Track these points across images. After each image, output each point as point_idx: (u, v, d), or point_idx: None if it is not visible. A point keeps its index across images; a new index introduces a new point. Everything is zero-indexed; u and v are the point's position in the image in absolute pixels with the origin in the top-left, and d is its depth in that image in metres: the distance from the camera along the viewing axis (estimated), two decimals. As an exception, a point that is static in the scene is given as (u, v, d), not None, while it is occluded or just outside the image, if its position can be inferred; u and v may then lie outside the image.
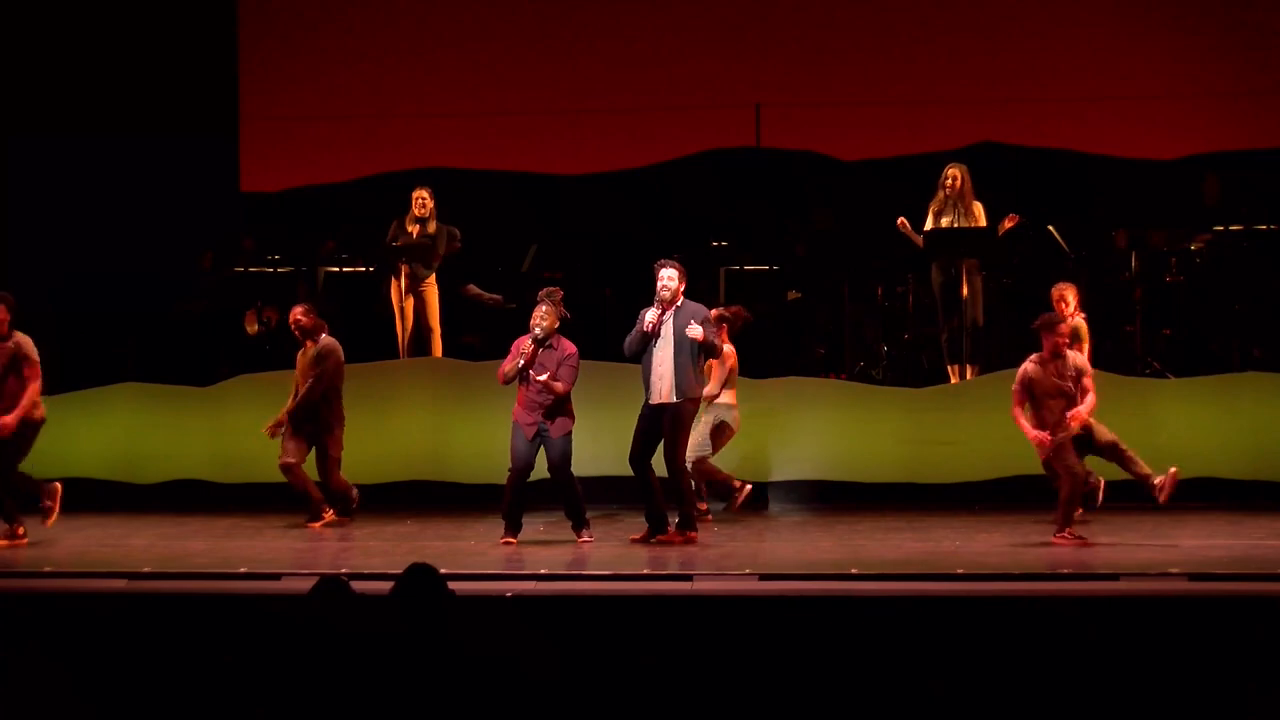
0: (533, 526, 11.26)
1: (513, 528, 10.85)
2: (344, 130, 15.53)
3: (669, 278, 10.72)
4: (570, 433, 10.85)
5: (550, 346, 10.82)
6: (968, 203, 13.02)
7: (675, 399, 10.64)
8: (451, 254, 14.04)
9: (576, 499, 10.94)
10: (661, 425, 10.71)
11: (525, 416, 10.80)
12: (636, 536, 10.91)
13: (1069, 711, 7.05)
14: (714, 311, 11.65)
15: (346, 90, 15.55)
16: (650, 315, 10.69)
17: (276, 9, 15.79)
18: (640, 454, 10.80)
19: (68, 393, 13.76)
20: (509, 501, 10.86)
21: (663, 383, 10.66)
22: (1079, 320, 11.72)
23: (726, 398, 11.91)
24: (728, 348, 11.78)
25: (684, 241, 15.36)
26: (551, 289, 11.04)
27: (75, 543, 11.28)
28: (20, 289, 14.29)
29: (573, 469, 10.91)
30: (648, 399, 10.75)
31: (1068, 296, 11.69)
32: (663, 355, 10.68)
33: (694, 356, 10.66)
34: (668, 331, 10.69)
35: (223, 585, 9.33)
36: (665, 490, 10.87)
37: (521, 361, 10.79)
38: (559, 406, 10.80)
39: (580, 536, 10.91)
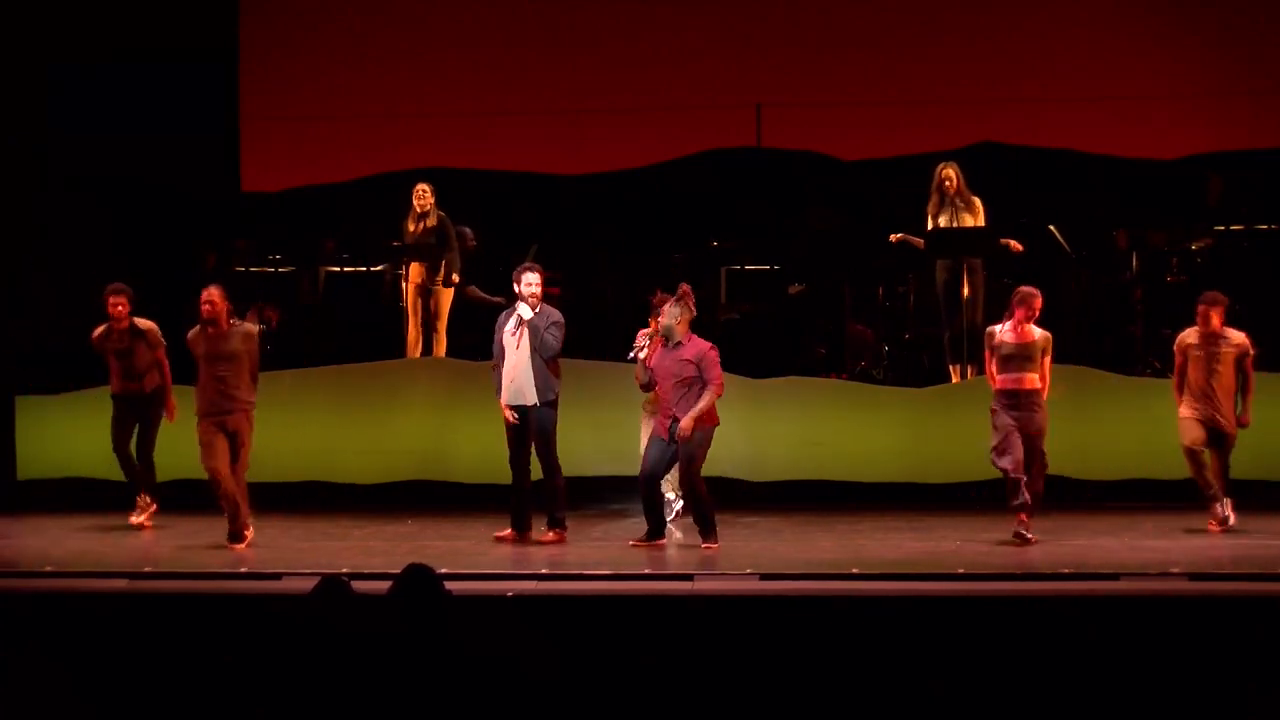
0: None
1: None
2: (344, 130, 15.51)
3: (535, 282, 10.84)
4: (706, 432, 10.63)
5: (679, 341, 10.70)
6: (966, 199, 13.03)
7: (536, 401, 10.75)
8: (465, 254, 14.06)
9: (700, 503, 10.75)
10: (528, 428, 10.81)
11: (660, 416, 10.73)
12: (501, 534, 10.96)
13: (1069, 711, 7.05)
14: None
15: (346, 90, 15.52)
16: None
17: (276, 9, 15.77)
18: (522, 453, 10.91)
19: (68, 393, 13.77)
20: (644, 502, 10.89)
21: (514, 385, 10.79)
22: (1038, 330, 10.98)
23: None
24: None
25: (684, 241, 15.38)
26: (683, 288, 10.86)
27: (75, 543, 11.29)
28: (23, 290, 14.37)
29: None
30: (498, 398, 10.87)
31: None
32: (519, 358, 10.78)
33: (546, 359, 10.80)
34: (524, 335, 10.80)
35: (223, 585, 9.34)
36: (540, 490, 10.96)
37: (639, 352, 10.71)
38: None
39: (705, 543, 10.68)
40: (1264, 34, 14.70)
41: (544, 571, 9.49)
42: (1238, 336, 11.18)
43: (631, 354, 10.81)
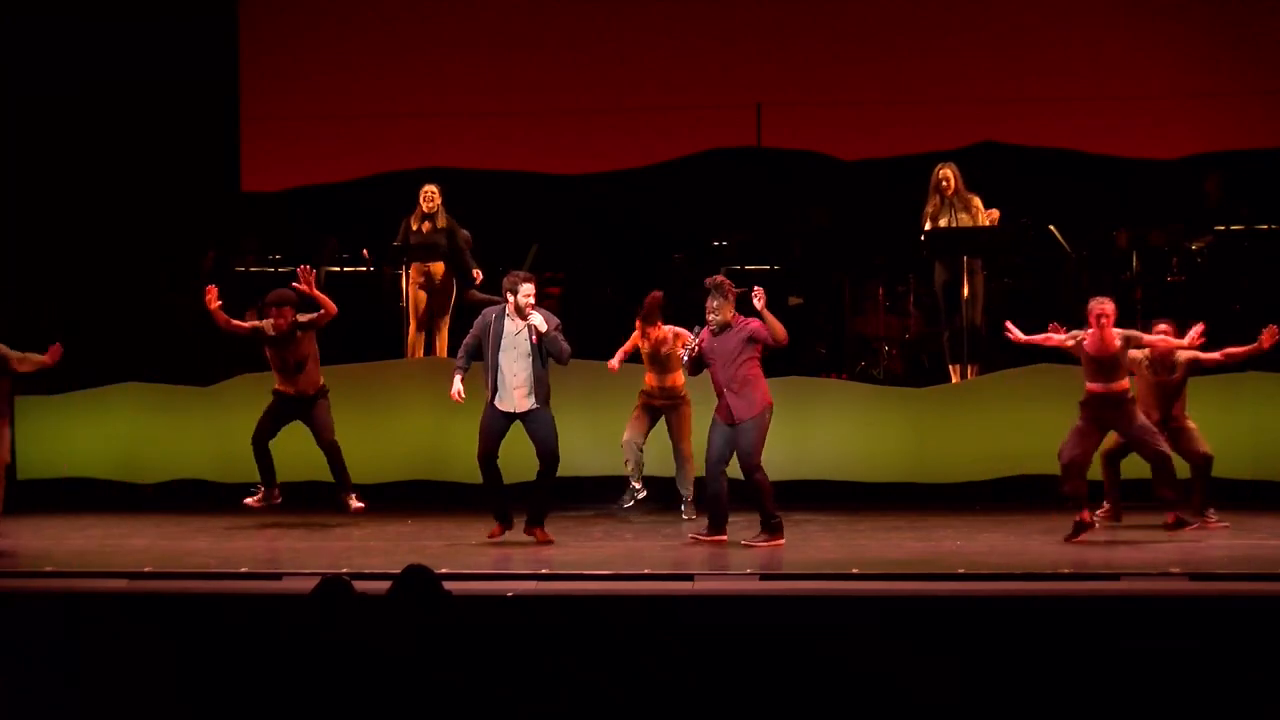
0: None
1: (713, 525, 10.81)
2: (344, 130, 15.51)
3: (531, 292, 10.80)
4: (762, 414, 10.59)
5: (730, 326, 10.64)
6: (965, 199, 13.03)
7: (538, 405, 10.74)
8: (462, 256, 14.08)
9: (763, 497, 10.70)
10: (529, 431, 10.77)
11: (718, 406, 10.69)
12: (492, 532, 10.91)
13: (1069, 711, 7.05)
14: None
15: (346, 90, 15.53)
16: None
17: (276, 9, 15.77)
18: (493, 453, 10.84)
19: (68, 393, 13.78)
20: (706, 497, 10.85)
21: (516, 390, 10.74)
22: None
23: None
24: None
25: (684, 241, 15.38)
26: (719, 281, 10.80)
27: (76, 543, 11.29)
28: (23, 290, 14.38)
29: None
30: (493, 403, 10.79)
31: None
32: (522, 364, 10.75)
33: (546, 361, 10.79)
34: (522, 340, 10.76)
35: (223, 585, 9.34)
36: (536, 489, 10.92)
37: (692, 353, 10.68)
38: (749, 389, 10.60)
39: (758, 541, 10.64)
40: (1264, 34, 14.70)
41: (544, 571, 9.49)
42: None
43: (686, 357, 10.79)
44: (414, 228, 13.83)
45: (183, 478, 13.54)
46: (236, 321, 11.97)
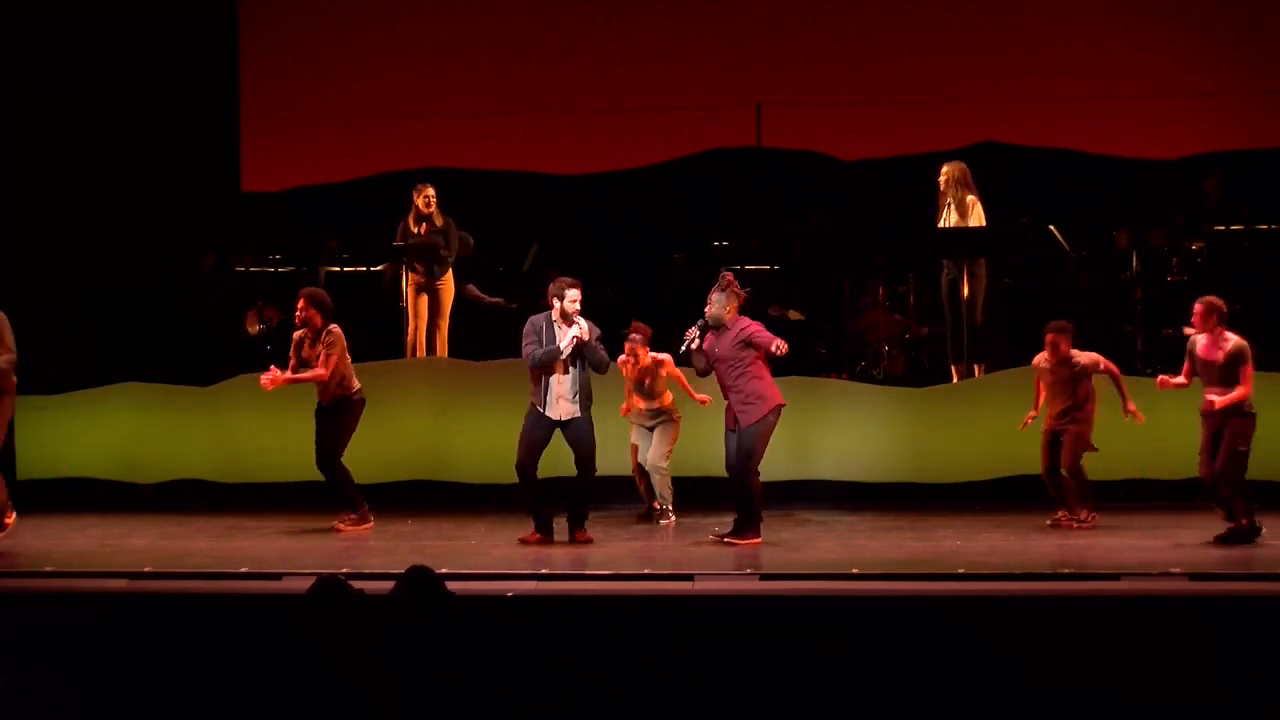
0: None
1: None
2: (344, 130, 15.51)
3: (578, 298, 10.76)
4: (763, 419, 10.54)
5: (727, 328, 10.62)
6: (960, 197, 12.99)
7: (580, 414, 10.73)
8: (463, 256, 14.08)
9: (750, 498, 10.67)
10: (568, 437, 10.77)
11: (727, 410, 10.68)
12: (525, 536, 10.88)
13: (1069, 711, 7.06)
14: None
15: (346, 90, 15.53)
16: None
17: (276, 9, 15.78)
18: (534, 461, 10.80)
19: (68, 393, 13.78)
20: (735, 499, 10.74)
21: (563, 399, 10.70)
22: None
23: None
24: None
25: (684, 241, 15.38)
26: (726, 276, 10.75)
27: (76, 543, 11.29)
28: (24, 290, 14.37)
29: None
30: (543, 411, 10.73)
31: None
32: (566, 371, 10.74)
33: (587, 368, 10.77)
34: (568, 348, 10.75)
35: (223, 585, 9.33)
36: (576, 494, 10.91)
37: (691, 344, 10.62)
38: (750, 393, 10.57)
39: (740, 539, 10.60)
40: (1264, 34, 14.71)
41: (544, 571, 9.49)
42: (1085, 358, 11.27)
43: (684, 347, 10.75)
44: (412, 229, 13.84)
45: (183, 478, 13.53)
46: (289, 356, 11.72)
